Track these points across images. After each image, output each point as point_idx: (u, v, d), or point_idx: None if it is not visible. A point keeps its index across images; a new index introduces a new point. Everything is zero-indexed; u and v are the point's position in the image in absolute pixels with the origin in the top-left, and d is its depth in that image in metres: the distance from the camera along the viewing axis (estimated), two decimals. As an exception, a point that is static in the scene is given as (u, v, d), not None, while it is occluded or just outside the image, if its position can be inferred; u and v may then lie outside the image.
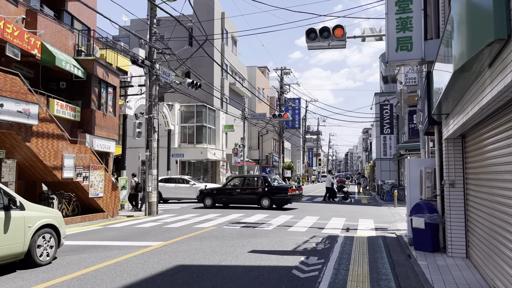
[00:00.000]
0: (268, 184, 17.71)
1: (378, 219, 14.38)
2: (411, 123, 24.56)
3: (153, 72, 15.92)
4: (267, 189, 17.57)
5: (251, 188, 18.11)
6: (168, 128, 24.97)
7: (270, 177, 18.77)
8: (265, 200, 17.54)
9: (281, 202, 17.57)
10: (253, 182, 18.56)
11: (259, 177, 18.79)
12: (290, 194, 17.38)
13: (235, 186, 18.82)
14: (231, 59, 35.90)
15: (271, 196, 17.50)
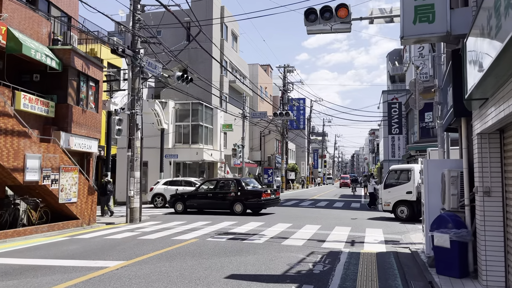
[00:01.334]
0: (241, 188, 16.37)
1: (388, 228, 12.63)
2: (422, 122, 22.77)
3: (136, 63, 14.32)
4: (240, 194, 16.21)
5: (224, 193, 16.73)
6: (161, 127, 23.38)
7: (244, 181, 17.29)
8: (238, 205, 16.24)
9: (254, 207, 16.34)
10: (226, 186, 17.21)
11: (231, 180, 17.62)
12: (264, 199, 16.09)
13: (208, 190, 17.42)
14: (231, 56, 34.29)
15: (244, 201, 16.12)
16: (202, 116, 25.47)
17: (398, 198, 14.93)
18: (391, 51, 60.92)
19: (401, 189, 14.91)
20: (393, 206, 15.07)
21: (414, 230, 12.33)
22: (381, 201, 15.61)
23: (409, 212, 14.81)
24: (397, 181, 15.45)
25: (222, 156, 27.72)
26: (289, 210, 18.80)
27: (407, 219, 14.78)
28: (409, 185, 14.77)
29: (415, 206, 14.60)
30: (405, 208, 14.88)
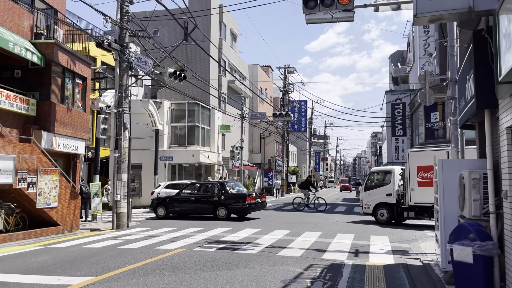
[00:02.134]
0: (225, 192, 15.54)
1: (394, 235, 11.62)
2: (428, 123, 21.76)
3: (124, 58, 13.39)
4: (223, 197, 15.39)
5: (207, 197, 15.91)
6: (155, 128, 22.45)
7: (228, 184, 16.43)
8: (222, 210, 15.45)
9: (239, 211, 15.52)
10: (209, 189, 16.41)
11: (215, 183, 16.82)
12: (248, 202, 15.30)
13: (191, 194, 16.57)
14: (230, 56, 33.39)
15: (228, 205, 15.32)
16: (198, 116, 24.53)
17: (378, 200, 14.71)
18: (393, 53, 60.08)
19: (381, 191, 14.72)
20: (373, 208, 14.83)
21: (423, 237, 11.32)
22: (361, 203, 15.35)
23: (389, 215, 14.54)
24: (378, 183, 15.20)
25: (219, 159, 26.76)
26: (288, 215, 17.80)
27: (387, 222, 14.49)
28: (389, 187, 14.56)
29: (395, 208, 14.39)
30: (385, 211, 14.61)
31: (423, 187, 13.21)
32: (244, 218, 15.87)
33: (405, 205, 13.93)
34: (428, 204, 13.02)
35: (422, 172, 13.32)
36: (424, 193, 13.16)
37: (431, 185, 12.33)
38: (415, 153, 14.08)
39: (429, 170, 12.70)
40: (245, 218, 15.90)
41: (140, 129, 23.04)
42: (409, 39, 34.91)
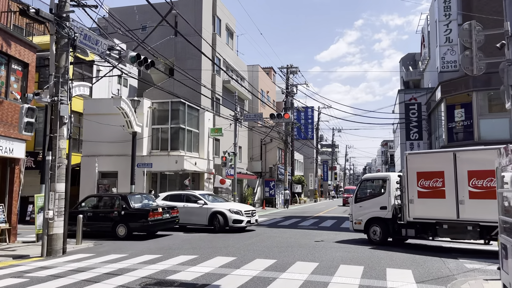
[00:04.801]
0: (126, 207, 13.16)
1: (419, 268, 8.29)
2: (452, 122, 18.37)
3: (63, 33, 10.37)
4: (124, 213, 13.00)
5: (106, 212, 13.35)
6: (132, 130, 19.39)
7: (132, 197, 13.70)
8: (121, 228, 13.09)
9: (140, 230, 13.14)
10: (109, 203, 13.77)
11: (116, 196, 13.85)
12: (152, 219, 12.85)
13: (89, 209, 13.85)
14: (225, 53, 30.42)
15: (128, 222, 12.93)
16: (184, 118, 21.44)
17: (371, 215, 11.96)
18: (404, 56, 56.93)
19: (374, 203, 12.05)
20: (365, 224, 12.09)
21: (461, 271, 7.97)
22: (351, 218, 12.60)
23: (383, 233, 11.74)
24: (370, 193, 12.66)
25: (210, 166, 23.58)
26: (283, 233, 14.50)
27: (380, 242, 11.68)
28: (383, 199, 11.86)
29: (391, 225, 11.62)
30: (378, 228, 11.84)
31: (425, 198, 10.72)
32: (224, 237, 12.64)
33: (403, 221, 11.20)
34: (431, 220, 10.62)
35: (424, 180, 10.79)
36: (426, 206, 10.72)
37: (434, 196, 10.55)
38: (415, 156, 11.41)
39: (432, 177, 10.60)
40: (224, 238, 12.66)
41: (116, 132, 20.06)
42: (423, 33, 31.63)
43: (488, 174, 9.59)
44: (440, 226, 10.47)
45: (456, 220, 10.13)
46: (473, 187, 9.84)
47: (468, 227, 9.93)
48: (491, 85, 17.03)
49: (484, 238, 9.89)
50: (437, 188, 10.51)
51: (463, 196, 9.98)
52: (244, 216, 14.81)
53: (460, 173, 10.09)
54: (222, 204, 15.49)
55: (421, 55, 34.50)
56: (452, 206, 10.17)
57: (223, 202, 16.14)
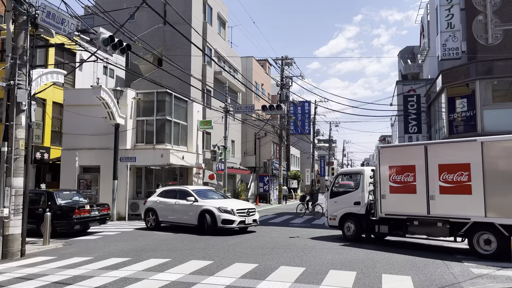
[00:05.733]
0: (52, 203, 12.50)
1: (419, 273, 7.25)
2: (453, 113, 17.29)
3: (21, 9, 9.23)
4: (49, 210, 11.94)
5: (31, 209, 11.67)
6: (114, 122, 18.25)
7: (60, 194, 13.08)
8: None
9: (65, 227, 12.46)
10: (35, 200, 12.66)
11: (41, 193, 12.99)
12: (77, 217, 12.35)
13: None
14: (217, 43, 29.24)
15: (53, 220, 11.85)
16: (170, 109, 20.30)
17: (345, 210, 11.74)
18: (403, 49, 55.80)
19: (348, 198, 11.83)
20: (339, 220, 11.86)
21: (468, 278, 6.92)
22: (327, 213, 12.49)
23: (356, 229, 11.43)
24: (345, 188, 12.51)
25: (199, 160, 22.48)
26: (271, 232, 13.45)
27: (354, 238, 11.40)
28: (357, 194, 11.64)
29: (364, 221, 11.30)
30: (352, 225, 11.56)
31: (397, 193, 10.38)
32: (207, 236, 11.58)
33: (376, 217, 10.88)
34: (402, 217, 10.25)
35: (395, 174, 10.46)
36: (397, 201, 10.38)
37: (406, 191, 10.22)
38: (387, 150, 11.17)
39: (403, 171, 10.26)
40: (207, 238, 11.60)
41: (98, 124, 18.92)
42: (422, 23, 30.50)
43: (458, 168, 9.23)
44: (411, 223, 10.13)
45: (426, 216, 9.75)
46: (444, 182, 9.45)
47: (438, 224, 9.58)
48: (495, 74, 15.97)
49: (454, 235, 9.47)
50: (409, 183, 10.14)
51: (434, 191, 9.60)
52: (236, 216, 12.62)
53: (431, 167, 9.70)
54: (216, 201, 13.37)
55: (420, 46, 33.40)
56: (422, 201, 9.80)
57: (221, 199, 14.10)
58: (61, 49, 21.61)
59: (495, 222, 8.59)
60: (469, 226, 9.01)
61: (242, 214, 12.90)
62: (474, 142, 9.12)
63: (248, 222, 13.00)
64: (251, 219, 13.11)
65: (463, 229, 9.14)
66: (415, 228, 10.09)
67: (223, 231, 12.70)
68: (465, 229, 9.07)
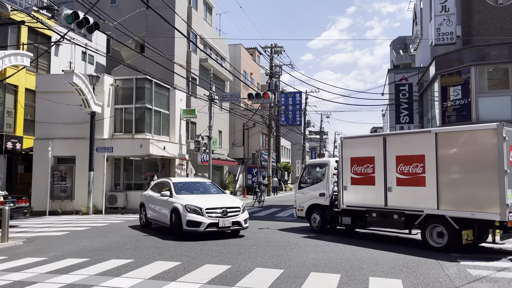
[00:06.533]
0: None
1: (411, 275, 6.43)
2: (447, 102, 16.47)
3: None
4: None
5: None
6: (89, 110, 17.17)
7: None
8: None
9: None
10: None
11: None
12: None
13: None
14: (203, 30, 28.09)
15: None
16: (151, 96, 19.23)
17: (311, 201, 11.84)
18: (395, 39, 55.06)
19: (314, 190, 11.90)
20: (306, 211, 11.99)
21: (465, 280, 6.10)
22: (295, 204, 12.64)
23: (321, 221, 11.47)
24: (312, 180, 12.40)
25: (182, 151, 21.50)
26: (253, 227, 12.57)
27: (319, 230, 11.47)
28: (322, 185, 11.70)
29: (328, 213, 11.33)
30: (318, 216, 11.61)
31: (357, 185, 10.39)
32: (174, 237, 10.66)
33: (339, 209, 10.91)
34: (362, 208, 10.24)
35: (356, 166, 10.46)
36: (358, 193, 10.40)
37: (365, 183, 10.18)
38: (349, 141, 10.98)
39: (364, 163, 10.24)
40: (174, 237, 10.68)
41: (73, 112, 17.86)
42: (415, 10, 29.62)
43: (414, 160, 9.13)
44: (370, 215, 10.09)
45: (384, 208, 9.70)
46: (400, 173, 9.38)
47: (394, 216, 9.48)
48: (491, 59, 15.15)
49: (409, 228, 9.38)
50: (368, 174, 10.09)
51: (391, 183, 9.54)
52: (205, 217, 9.86)
53: (389, 159, 9.64)
54: (195, 198, 10.74)
55: (412, 34, 32.55)
56: (381, 193, 9.75)
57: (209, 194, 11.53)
58: (34, 32, 20.39)
59: (446, 215, 8.45)
60: (422, 219, 8.91)
61: (214, 214, 9.99)
62: (429, 133, 9.00)
63: (224, 225, 10.00)
64: (229, 221, 10.11)
65: (417, 221, 9.04)
66: (374, 220, 10.05)
67: (190, 235, 10.02)
68: (419, 222, 8.98)
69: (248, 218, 10.71)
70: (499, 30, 15.37)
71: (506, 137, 7.86)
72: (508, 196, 7.73)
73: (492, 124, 8.12)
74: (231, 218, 10.18)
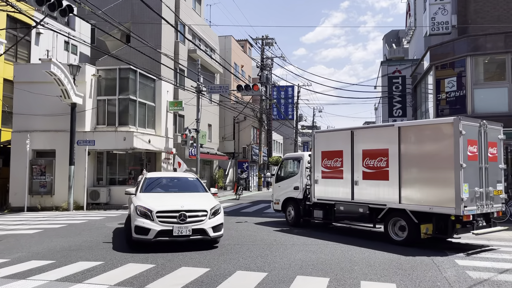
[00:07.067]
0: None
1: (406, 278, 5.86)
2: (442, 93, 15.93)
3: None
4: None
5: None
6: (70, 101, 16.36)
7: None
8: None
9: None
10: None
11: None
12: None
13: None
14: (191, 19, 27.27)
15: None
16: (135, 88, 18.45)
17: (287, 195, 12.08)
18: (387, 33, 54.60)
19: (289, 183, 12.11)
20: (282, 205, 12.23)
21: (465, 283, 5.54)
22: (273, 197, 12.95)
23: (295, 214, 11.64)
24: (288, 173, 12.65)
25: (169, 144, 20.77)
26: (239, 224, 11.96)
27: (293, 223, 11.62)
28: (296, 179, 11.91)
29: (302, 206, 11.46)
30: (292, 209, 11.81)
31: (327, 178, 10.52)
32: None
33: (310, 202, 11.07)
34: (331, 202, 10.33)
35: (327, 160, 10.58)
36: (327, 186, 10.52)
37: (334, 177, 10.29)
38: (321, 135, 11.20)
39: (333, 157, 10.38)
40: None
41: (54, 103, 17.02)
42: (408, 1, 29.04)
43: (379, 154, 9.21)
44: (338, 208, 10.19)
45: (350, 202, 9.83)
46: (366, 167, 9.49)
47: (360, 209, 9.59)
48: (488, 49, 14.59)
49: (373, 222, 9.42)
50: (337, 168, 10.23)
51: (358, 177, 9.68)
52: (155, 223, 7.69)
53: (356, 153, 9.78)
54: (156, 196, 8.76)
55: (406, 26, 32.00)
56: (348, 187, 9.89)
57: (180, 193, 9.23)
58: (14, 21, 19.48)
59: (406, 209, 8.50)
60: (385, 212, 8.97)
61: (168, 219, 7.72)
62: (392, 127, 9.05)
63: (180, 233, 7.68)
64: (188, 229, 7.72)
65: (380, 215, 9.09)
66: (341, 214, 10.13)
67: (139, 244, 7.97)
68: (382, 215, 9.04)
69: (221, 224, 8.28)
70: (496, 19, 14.82)
71: (463, 131, 7.79)
72: (464, 190, 7.70)
73: (449, 118, 8.12)
74: (192, 224, 7.75)
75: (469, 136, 7.97)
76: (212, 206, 8.27)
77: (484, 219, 8.38)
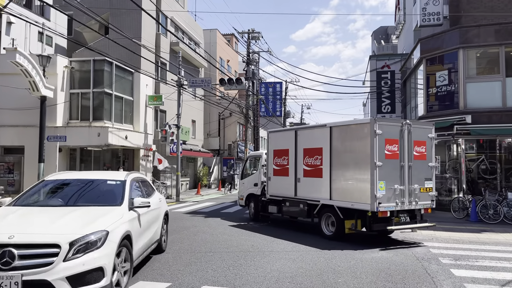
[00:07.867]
0: None
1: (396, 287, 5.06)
2: (432, 88, 15.24)
3: None
4: None
5: None
6: (38, 93, 15.27)
7: None
8: None
9: None
10: None
11: None
12: None
13: None
14: (174, 11, 26.19)
15: None
16: (111, 81, 17.42)
17: (249, 191, 12.82)
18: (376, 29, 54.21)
19: (251, 180, 12.85)
20: (245, 200, 12.96)
21: None
22: (238, 194, 13.72)
23: (255, 209, 12.28)
24: (251, 171, 13.27)
25: (148, 141, 19.78)
26: (219, 225, 11.10)
27: (253, 218, 12.30)
28: (256, 176, 12.66)
29: (260, 202, 12.06)
30: (253, 205, 12.47)
31: (277, 176, 11.04)
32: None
33: (266, 198, 11.62)
34: (279, 198, 10.92)
35: (277, 158, 11.09)
36: (277, 183, 11.04)
37: (282, 174, 10.76)
38: (274, 134, 11.63)
39: (281, 155, 10.85)
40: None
41: (22, 97, 15.92)
42: (398, -5, 28.36)
43: (315, 153, 9.63)
44: (285, 204, 10.71)
45: (293, 198, 10.32)
46: (306, 165, 9.93)
47: (300, 205, 10.10)
48: (481, 41, 13.92)
49: (311, 217, 9.85)
50: (284, 166, 10.70)
51: (300, 174, 10.12)
52: None
53: (299, 151, 10.19)
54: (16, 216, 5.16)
55: (395, 20, 31.35)
56: (292, 184, 10.35)
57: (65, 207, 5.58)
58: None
59: (334, 205, 8.90)
60: (319, 208, 9.41)
61: None
62: (325, 127, 9.46)
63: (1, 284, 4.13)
64: (16, 280, 4.07)
65: (315, 210, 9.51)
66: (288, 209, 10.63)
67: None
68: (316, 211, 9.47)
69: (99, 268, 4.42)
70: (489, 10, 14.14)
71: (379, 131, 8.12)
72: (379, 188, 8.04)
73: (368, 119, 8.64)
74: (25, 271, 4.13)
75: (388, 135, 8.27)
76: (84, 234, 4.50)
77: (408, 215, 8.62)
